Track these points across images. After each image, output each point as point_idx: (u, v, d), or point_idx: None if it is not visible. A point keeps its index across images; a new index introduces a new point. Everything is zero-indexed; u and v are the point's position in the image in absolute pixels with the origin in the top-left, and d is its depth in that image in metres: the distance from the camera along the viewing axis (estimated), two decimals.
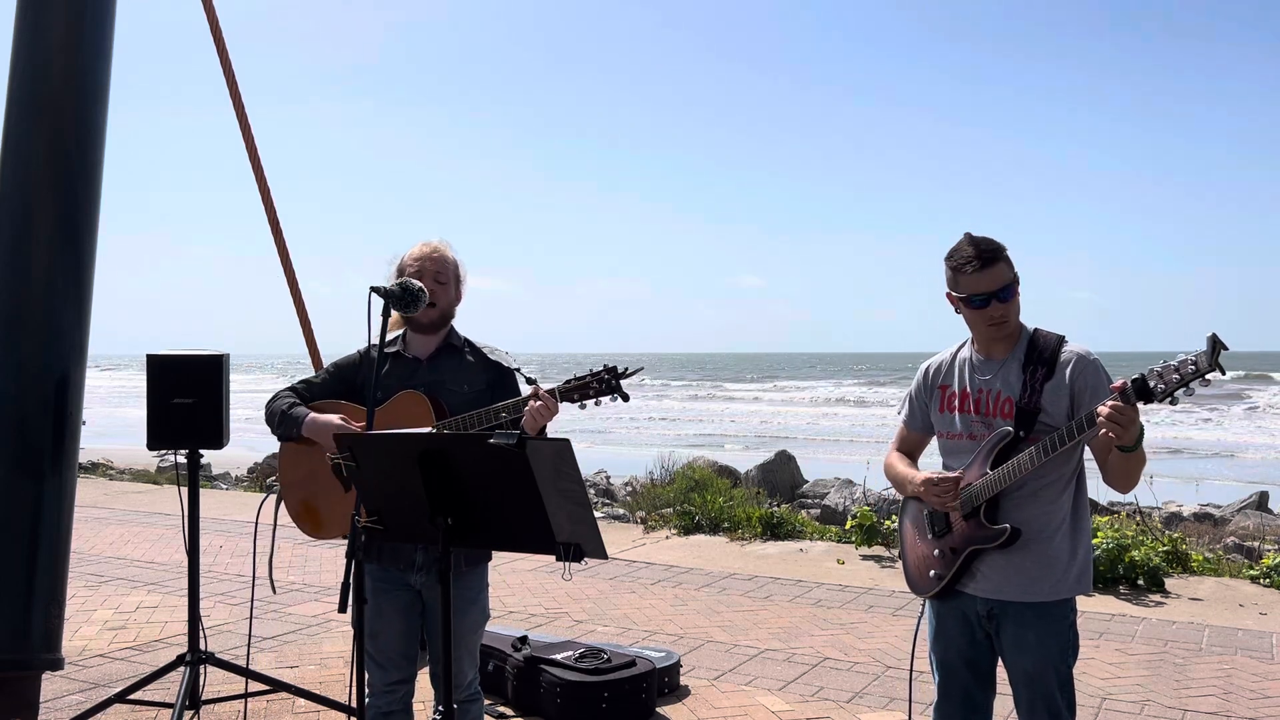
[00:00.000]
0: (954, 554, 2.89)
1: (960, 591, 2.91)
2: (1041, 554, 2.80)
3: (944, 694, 3.01)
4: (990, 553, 2.83)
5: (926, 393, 3.08)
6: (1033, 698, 2.83)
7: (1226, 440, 27.30)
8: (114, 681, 4.95)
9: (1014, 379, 2.84)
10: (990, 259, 2.77)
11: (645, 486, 11.86)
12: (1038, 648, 2.80)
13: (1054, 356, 2.82)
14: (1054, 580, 2.80)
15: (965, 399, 2.93)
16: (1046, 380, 2.79)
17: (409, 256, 3.25)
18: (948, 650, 2.98)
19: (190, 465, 4.20)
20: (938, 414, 3.02)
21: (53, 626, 3.96)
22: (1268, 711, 4.68)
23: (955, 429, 2.95)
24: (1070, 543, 2.83)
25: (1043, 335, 2.89)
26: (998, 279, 2.78)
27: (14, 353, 3.93)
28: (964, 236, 2.86)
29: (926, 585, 2.98)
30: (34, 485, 3.91)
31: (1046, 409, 2.78)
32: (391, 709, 3.21)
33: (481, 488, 2.43)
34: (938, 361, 3.08)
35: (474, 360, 3.30)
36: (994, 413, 2.85)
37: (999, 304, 2.80)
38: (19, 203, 3.97)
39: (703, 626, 6.11)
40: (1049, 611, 2.81)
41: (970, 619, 2.92)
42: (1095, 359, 2.82)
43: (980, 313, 2.83)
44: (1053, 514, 2.81)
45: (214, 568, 7.70)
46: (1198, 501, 13.42)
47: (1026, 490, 2.80)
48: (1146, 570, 7.05)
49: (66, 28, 4.04)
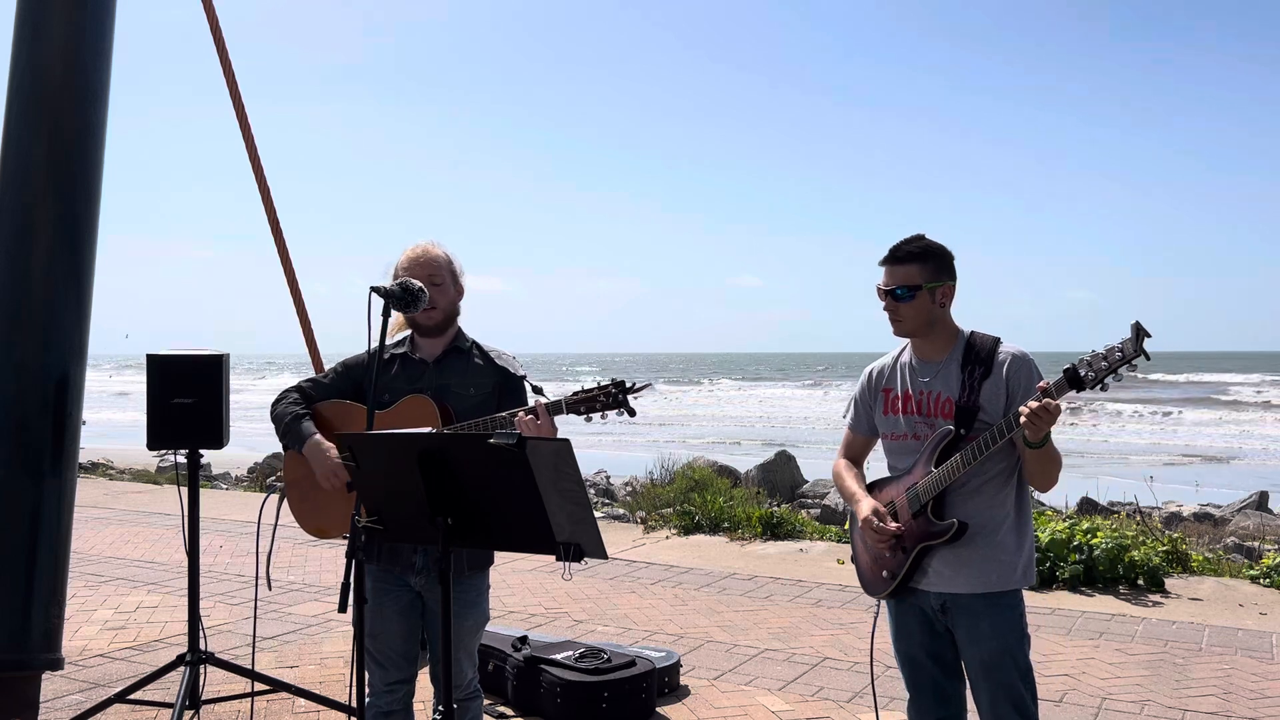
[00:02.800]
0: (905, 552, 2.96)
1: (914, 588, 2.98)
2: (988, 546, 2.89)
3: (914, 689, 3.08)
4: (940, 548, 2.91)
5: (870, 396, 3.16)
6: (993, 688, 2.88)
7: (1227, 440, 27.32)
8: (114, 681, 4.95)
9: (953, 379, 2.94)
10: (899, 259, 2.94)
11: (645, 486, 11.86)
12: (993, 636, 2.87)
13: (990, 356, 2.92)
14: (1002, 571, 2.89)
15: (908, 400, 3.03)
16: (984, 379, 2.90)
17: (399, 264, 3.23)
18: (910, 645, 3.05)
19: (190, 465, 4.20)
20: (881, 416, 3.11)
21: (53, 626, 3.97)
22: (1268, 711, 4.68)
23: (900, 430, 3.04)
24: (1015, 536, 2.92)
25: (979, 337, 2.99)
26: (896, 278, 2.93)
27: (14, 353, 3.94)
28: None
29: (880, 585, 3.06)
30: (34, 485, 3.91)
31: (985, 407, 2.87)
32: (392, 708, 3.21)
33: (481, 488, 2.43)
34: (880, 365, 3.17)
35: (482, 363, 3.28)
36: (935, 413, 2.95)
37: (893, 300, 2.93)
38: (19, 203, 3.97)
39: (703, 626, 6.12)
40: (1000, 600, 2.89)
41: (927, 613, 3.00)
42: (1029, 358, 2.92)
43: (883, 304, 2.98)
44: (996, 508, 2.91)
45: (214, 568, 7.70)
46: (1198, 501, 13.41)
47: (970, 486, 2.89)
48: (1146, 570, 7.05)
49: (66, 28, 4.04)
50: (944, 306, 2.97)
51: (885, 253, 2.96)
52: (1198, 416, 34.15)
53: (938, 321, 2.97)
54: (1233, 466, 21.62)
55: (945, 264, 2.95)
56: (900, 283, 2.92)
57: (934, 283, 2.92)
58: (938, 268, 2.93)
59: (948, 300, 2.97)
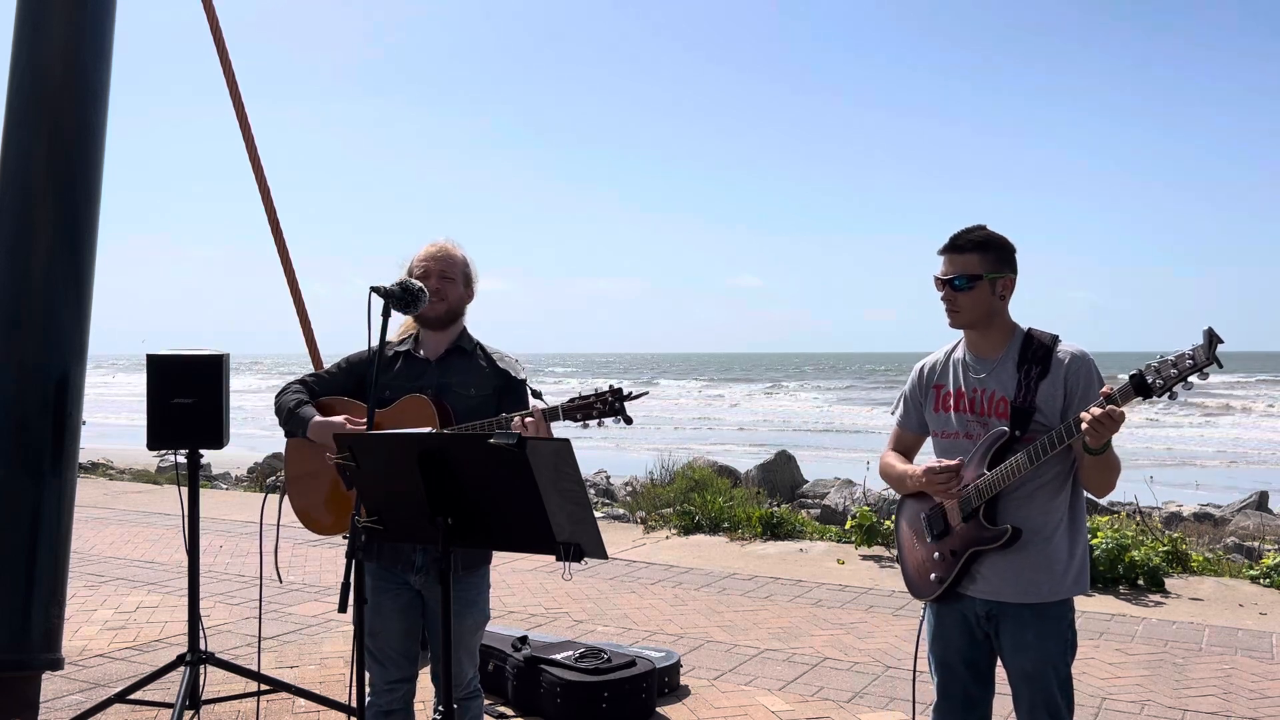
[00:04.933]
0: (954, 556, 2.88)
1: (960, 593, 2.91)
2: (1040, 554, 2.80)
3: (943, 694, 3.02)
4: (990, 554, 2.83)
5: (921, 392, 3.08)
6: (1033, 697, 2.83)
7: (1227, 441, 27.31)
8: (114, 681, 4.95)
9: (1008, 378, 2.85)
10: (959, 247, 2.86)
11: (645, 486, 11.86)
12: (1037, 648, 2.81)
13: (1048, 355, 2.82)
14: (1053, 581, 2.81)
15: (960, 398, 2.93)
16: (1041, 379, 2.80)
17: (416, 257, 3.25)
18: (947, 650, 2.99)
19: (190, 465, 4.20)
20: (933, 413, 3.02)
21: (53, 626, 3.97)
22: (1268, 711, 4.68)
23: (951, 428, 2.95)
24: (1068, 543, 2.83)
25: (1037, 334, 2.89)
26: (956, 267, 2.85)
27: (14, 353, 3.93)
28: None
29: (928, 588, 2.98)
30: (34, 485, 3.91)
31: (1041, 408, 2.78)
32: (392, 708, 3.21)
33: (481, 488, 2.43)
34: (932, 361, 3.08)
35: (485, 365, 3.28)
36: (989, 412, 2.86)
37: (951, 290, 2.86)
38: (19, 203, 3.97)
39: (703, 626, 6.12)
40: (1048, 612, 2.82)
41: (969, 620, 2.93)
42: (1090, 358, 2.82)
43: (940, 295, 2.91)
44: (1050, 514, 2.82)
45: (214, 568, 7.69)
46: (1198, 501, 13.43)
47: (1024, 491, 2.80)
48: (1146, 570, 7.05)
49: (66, 28, 4.04)
50: (1004, 299, 2.88)
51: (945, 241, 2.88)
52: (1200, 416, 34.14)
53: (996, 315, 2.88)
54: (1233, 467, 21.62)
55: (1007, 255, 2.87)
56: (960, 272, 2.82)
57: (995, 274, 2.83)
58: (999, 259, 2.84)
59: (1008, 293, 2.88)
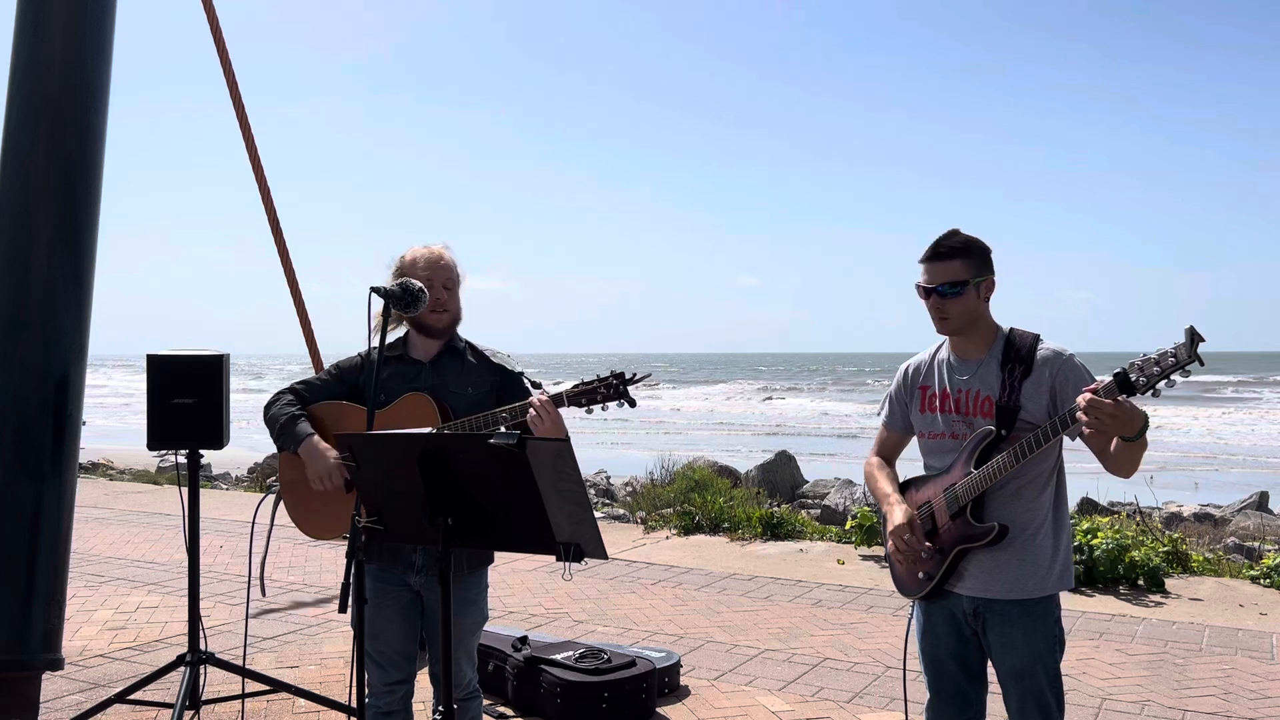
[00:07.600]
0: (942, 554, 2.92)
1: (948, 591, 2.94)
2: (1026, 551, 2.84)
3: (936, 691, 3.04)
4: (976, 552, 2.86)
5: (906, 393, 3.11)
6: (1022, 694, 2.86)
7: (1227, 440, 27.31)
8: (114, 681, 4.95)
9: (992, 378, 2.87)
10: (942, 255, 2.85)
11: (645, 486, 11.86)
12: (1025, 645, 2.84)
13: (1030, 355, 2.85)
14: (1039, 577, 2.85)
15: (946, 399, 2.97)
16: (1025, 378, 2.83)
17: (417, 265, 3.21)
18: (937, 647, 3.01)
19: (190, 465, 4.20)
20: (918, 414, 3.05)
21: (53, 626, 3.96)
22: (1268, 711, 4.68)
23: (937, 428, 2.98)
24: (1052, 540, 2.88)
25: (1019, 334, 2.92)
26: (942, 274, 2.84)
27: (14, 353, 3.93)
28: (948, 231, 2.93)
29: (916, 586, 3.01)
30: (34, 485, 3.90)
31: (1026, 407, 2.81)
32: (391, 709, 3.21)
33: (481, 488, 2.43)
34: (917, 362, 3.11)
35: (476, 363, 3.29)
36: (974, 412, 2.89)
37: (938, 298, 2.86)
38: (19, 203, 3.97)
39: (703, 626, 6.11)
40: (1034, 608, 2.85)
41: (957, 617, 2.96)
42: (1072, 356, 2.85)
43: (926, 303, 2.90)
44: (1035, 511, 2.86)
45: (214, 568, 7.70)
46: (1198, 502, 13.41)
47: (1009, 489, 2.84)
48: (1146, 570, 7.05)
49: (66, 28, 4.04)
50: (986, 302, 2.90)
51: (926, 250, 2.87)
52: (1199, 416, 34.13)
53: (980, 318, 2.90)
54: (1233, 467, 21.61)
55: (986, 258, 2.89)
56: (946, 279, 2.83)
57: (979, 277, 2.85)
58: (981, 261, 2.86)
59: (989, 295, 2.90)
